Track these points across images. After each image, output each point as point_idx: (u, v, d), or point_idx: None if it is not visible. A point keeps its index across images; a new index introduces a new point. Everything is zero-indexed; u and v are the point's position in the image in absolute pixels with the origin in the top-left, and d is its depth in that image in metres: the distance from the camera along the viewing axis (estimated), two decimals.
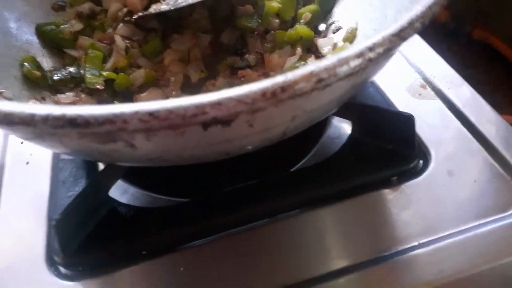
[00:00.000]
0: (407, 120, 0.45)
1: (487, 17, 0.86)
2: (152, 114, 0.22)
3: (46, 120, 0.23)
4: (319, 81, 0.24)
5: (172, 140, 0.27)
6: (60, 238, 0.41)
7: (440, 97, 0.54)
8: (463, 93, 0.55)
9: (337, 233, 0.43)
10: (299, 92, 0.24)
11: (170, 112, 0.23)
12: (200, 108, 0.23)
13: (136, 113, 0.22)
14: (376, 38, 0.26)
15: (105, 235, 0.43)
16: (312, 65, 0.24)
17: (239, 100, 0.23)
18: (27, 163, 0.53)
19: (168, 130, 0.25)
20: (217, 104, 0.23)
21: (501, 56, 0.86)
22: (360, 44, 0.26)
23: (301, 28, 0.51)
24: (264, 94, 0.23)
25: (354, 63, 0.25)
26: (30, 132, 0.26)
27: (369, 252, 0.41)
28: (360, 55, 0.25)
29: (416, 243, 0.41)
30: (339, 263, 0.41)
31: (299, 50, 0.50)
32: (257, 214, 0.44)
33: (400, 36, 0.27)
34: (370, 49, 0.25)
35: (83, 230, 0.42)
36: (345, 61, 0.25)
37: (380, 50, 0.25)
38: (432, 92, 0.55)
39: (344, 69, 0.24)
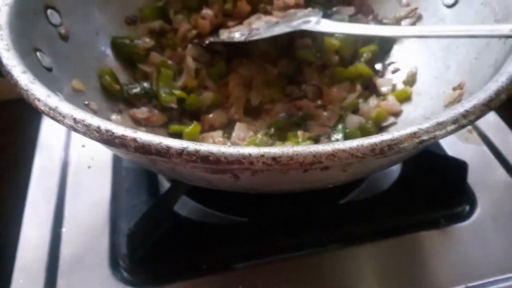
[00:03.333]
0: (460, 167, 0.47)
1: None
2: (275, 159, 0.25)
3: (181, 154, 0.26)
4: (421, 142, 0.27)
5: (274, 177, 0.30)
6: (130, 246, 0.44)
7: (486, 142, 0.57)
8: (508, 140, 0.57)
9: (381, 271, 0.45)
10: (402, 151, 0.26)
11: (291, 158, 0.25)
12: (317, 158, 0.25)
13: (262, 156, 0.25)
14: (469, 105, 0.29)
15: (169, 246, 0.45)
16: (415, 127, 0.27)
17: (351, 153, 0.26)
18: (89, 167, 0.56)
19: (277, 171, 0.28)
20: (332, 155, 0.26)
21: None
22: (453, 109, 0.29)
23: (361, 66, 0.54)
24: (373, 150, 0.26)
25: (451, 128, 0.28)
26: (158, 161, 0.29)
27: None
28: (455, 121, 0.28)
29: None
30: None
31: (358, 87, 0.53)
32: (303, 243, 0.47)
33: (489, 106, 0.29)
34: (464, 116, 0.28)
35: (149, 240, 0.45)
36: (444, 126, 0.27)
37: (472, 117, 0.28)
38: (478, 138, 0.57)
39: (442, 132, 0.27)
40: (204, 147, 0.26)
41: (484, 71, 0.41)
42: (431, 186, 0.49)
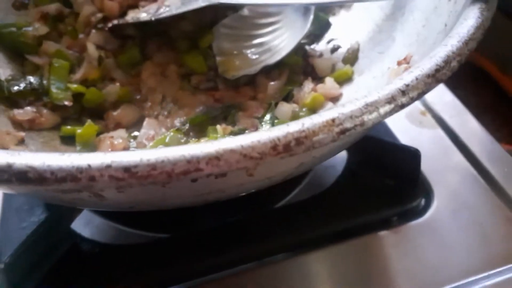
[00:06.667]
0: (413, 156, 0.41)
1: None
2: (128, 170, 0.17)
3: None
4: (342, 132, 0.19)
5: (151, 192, 0.21)
6: (8, 281, 0.35)
7: (441, 125, 0.51)
8: (465, 122, 0.51)
9: (330, 282, 0.38)
10: (317, 145, 0.19)
11: (152, 168, 0.17)
12: (193, 164, 0.17)
13: (107, 167, 0.17)
14: (409, 78, 0.21)
15: (65, 276, 0.37)
16: (334, 111, 0.19)
17: (243, 153, 0.18)
18: None
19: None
20: (216, 158, 0.17)
21: (491, 78, 0.83)
22: (390, 85, 0.21)
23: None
24: (275, 148, 0.18)
25: (385, 109, 0.20)
26: None
27: None
28: (391, 100, 0.20)
29: None
30: None
31: (285, 73, 0.45)
32: (239, 257, 0.39)
33: (436, 77, 0.22)
34: (403, 92, 0.21)
35: (39, 270, 0.36)
36: (374, 107, 0.20)
37: (414, 94, 0.21)
38: (433, 120, 0.51)
39: (373, 116, 0.20)
40: (21, 159, 0.17)
41: (433, 39, 0.34)
42: (380, 180, 0.42)
